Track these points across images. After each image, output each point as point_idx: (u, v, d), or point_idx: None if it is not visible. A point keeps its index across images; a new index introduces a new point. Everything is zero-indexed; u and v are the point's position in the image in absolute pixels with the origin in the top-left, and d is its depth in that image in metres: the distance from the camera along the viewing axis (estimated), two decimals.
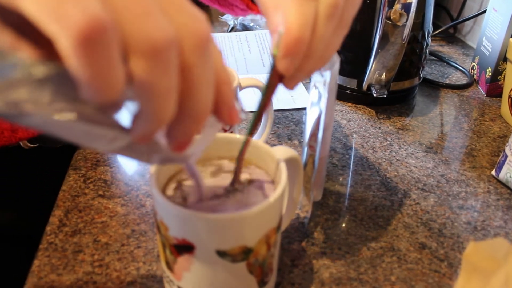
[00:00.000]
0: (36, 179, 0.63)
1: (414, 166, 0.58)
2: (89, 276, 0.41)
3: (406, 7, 0.58)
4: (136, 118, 0.22)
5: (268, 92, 0.32)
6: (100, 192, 0.50)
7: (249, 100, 0.68)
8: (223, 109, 0.26)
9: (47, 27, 0.18)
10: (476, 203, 0.52)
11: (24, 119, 0.19)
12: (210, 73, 0.23)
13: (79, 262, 0.42)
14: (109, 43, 0.18)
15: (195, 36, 0.22)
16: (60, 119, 0.20)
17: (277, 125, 0.64)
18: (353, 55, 0.65)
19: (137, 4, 0.19)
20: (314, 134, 0.43)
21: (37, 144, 0.59)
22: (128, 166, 0.55)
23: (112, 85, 0.19)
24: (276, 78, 0.31)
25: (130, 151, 0.25)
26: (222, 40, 0.91)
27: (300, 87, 0.74)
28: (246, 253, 0.32)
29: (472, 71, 0.83)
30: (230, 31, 0.97)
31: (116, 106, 0.21)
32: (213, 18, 1.07)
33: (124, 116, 0.22)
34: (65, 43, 0.17)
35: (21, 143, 0.57)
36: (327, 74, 0.37)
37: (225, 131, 0.50)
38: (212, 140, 0.31)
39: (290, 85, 0.32)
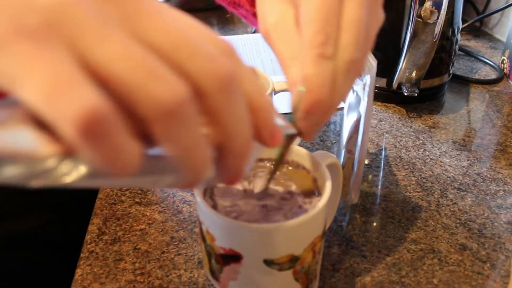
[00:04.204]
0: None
1: (448, 165, 0.57)
2: (132, 284, 0.41)
3: (437, 4, 0.57)
4: (176, 174, 0.22)
5: (287, 143, 0.33)
6: (137, 200, 0.51)
7: (282, 103, 0.67)
8: (263, 135, 0.25)
9: (47, 117, 0.17)
10: None
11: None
12: (241, 108, 0.22)
13: (121, 271, 0.42)
14: (110, 129, 0.18)
15: (215, 78, 0.20)
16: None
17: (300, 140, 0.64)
18: (382, 53, 0.65)
19: (140, 69, 0.18)
20: (352, 137, 0.42)
21: None
22: None
23: (126, 163, 0.19)
24: (296, 131, 0.32)
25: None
26: (247, 42, 0.91)
27: None
28: (293, 261, 0.32)
29: (502, 65, 0.81)
30: (254, 32, 0.97)
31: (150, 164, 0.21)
32: (235, 19, 1.07)
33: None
34: (67, 134, 0.17)
35: None
36: (367, 78, 0.37)
37: None
38: (258, 157, 0.31)
39: (308, 139, 0.32)
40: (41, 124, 0.19)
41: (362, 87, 0.38)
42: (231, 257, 0.32)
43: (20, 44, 0.17)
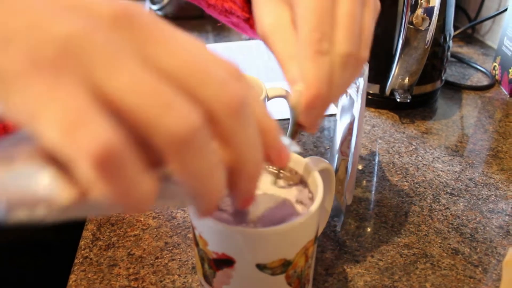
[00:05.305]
0: None
1: (441, 170, 0.58)
2: None
3: (429, 11, 0.58)
4: (192, 200, 0.22)
5: (292, 137, 0.33)
6: None
7: (276, 109, 0.68)
8: (272, 155, 0.25)
9: (64, 154, 0.18)
10: (507, 206, 0.52)
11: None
12: (253, 132, 0.23)
13: (115, 276, 0.42)
14: (125, 162, 0.18)
15: (227, 105, 0.21)
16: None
17: (302, 133, 0.64)
18: (375, 60, 0.65)
19: (154, 99, 0.19)
20: (345, 139, 0.43)
21: None
22: None
23: (141, 197, 0.19)
24: (298, 126, 0.32)
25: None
26: (241, 48, 0.92)
27: None
28: (285, 265, 0.32)
29: (494, 71, 0.82)
30: (248, 39, 0.97)
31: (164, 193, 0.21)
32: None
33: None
34: (83, 170, 0.17)
35: None
36: (360, 81, 0.38)
37: None
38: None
39: (312, 131, 0.33)
40: (57, 161, 0.19)
41: (356, 90, 0.39)
42: (224, 262, 0.32)
43: (37, 77, 0.17)
